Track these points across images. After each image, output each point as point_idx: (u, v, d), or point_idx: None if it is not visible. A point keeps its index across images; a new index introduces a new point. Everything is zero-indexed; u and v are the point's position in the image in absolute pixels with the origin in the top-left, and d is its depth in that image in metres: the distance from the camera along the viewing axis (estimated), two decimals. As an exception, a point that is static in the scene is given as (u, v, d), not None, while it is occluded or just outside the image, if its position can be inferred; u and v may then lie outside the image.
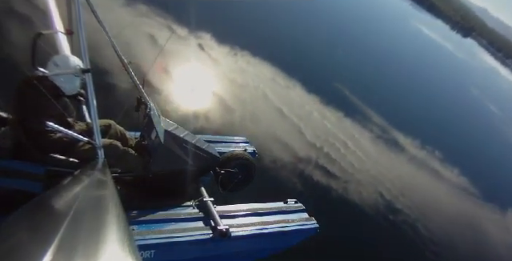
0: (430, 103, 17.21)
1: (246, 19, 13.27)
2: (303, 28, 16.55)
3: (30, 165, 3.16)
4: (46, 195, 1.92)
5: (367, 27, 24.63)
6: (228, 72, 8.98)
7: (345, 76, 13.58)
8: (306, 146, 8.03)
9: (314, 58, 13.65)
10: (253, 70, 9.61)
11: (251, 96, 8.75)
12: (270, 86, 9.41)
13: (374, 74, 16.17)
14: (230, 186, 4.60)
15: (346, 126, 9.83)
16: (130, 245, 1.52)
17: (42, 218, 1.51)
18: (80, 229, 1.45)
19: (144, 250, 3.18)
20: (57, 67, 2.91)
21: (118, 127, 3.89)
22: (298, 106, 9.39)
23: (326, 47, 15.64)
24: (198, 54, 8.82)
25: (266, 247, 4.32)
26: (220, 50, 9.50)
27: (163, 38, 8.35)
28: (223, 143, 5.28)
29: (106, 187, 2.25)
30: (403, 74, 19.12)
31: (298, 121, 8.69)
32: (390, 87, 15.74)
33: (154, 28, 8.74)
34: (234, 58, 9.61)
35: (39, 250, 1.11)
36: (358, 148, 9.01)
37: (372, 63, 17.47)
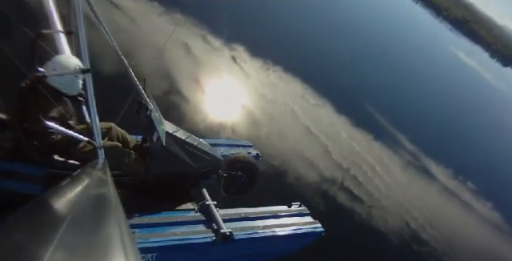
0: (466, 133, 16.63)
1: (281, 34, 13.28)
2: (340, 46, 16.43)
3: (30, 167, 3.17)
4: (46, 195, 1.87)
5: (403, 49, 24.30)
6: (259, 86, 8.93)
7: (377, 98, 13.31)
8: (332, 166, 7.81)
9: (347, 77, 13.46)
10: (284, 86, 9.54)
11: (280, 112, 8.65)
12: (300, 103, 9.28)
13: (408, 98, 15.83)
14: (233, 190, 4.55)
15: (375, 149, 9.55)
16: (131, 244, 1.48)
17: (41, 218, 1.48)
18: (80, 229, 1.42)
19: (146, 254, 3.13)
20: (56, 68, 2.89)
21: (119, 130, 3.86)
22: (326, 125, 9.21)
23: (361, 67, 15.45)
24: (231, 67, 8.83)
25: (270, 251, 4.25)
26: (252, 64, 9.48)
27: (197, 48, 8.42)
28: (226, 146, 5.21)
29: (106, 187, 2.21)
30: (438, 100, 18.61)
31: (325, 140, 8.50)
32: (423, 114, 15.29)
33: (189, 37, 8.81)
34: (266, 72, 9.56)
35: (39, 250, 1.09)
36: (387, 173, 8.69)
37: (406, 87, 17.12)
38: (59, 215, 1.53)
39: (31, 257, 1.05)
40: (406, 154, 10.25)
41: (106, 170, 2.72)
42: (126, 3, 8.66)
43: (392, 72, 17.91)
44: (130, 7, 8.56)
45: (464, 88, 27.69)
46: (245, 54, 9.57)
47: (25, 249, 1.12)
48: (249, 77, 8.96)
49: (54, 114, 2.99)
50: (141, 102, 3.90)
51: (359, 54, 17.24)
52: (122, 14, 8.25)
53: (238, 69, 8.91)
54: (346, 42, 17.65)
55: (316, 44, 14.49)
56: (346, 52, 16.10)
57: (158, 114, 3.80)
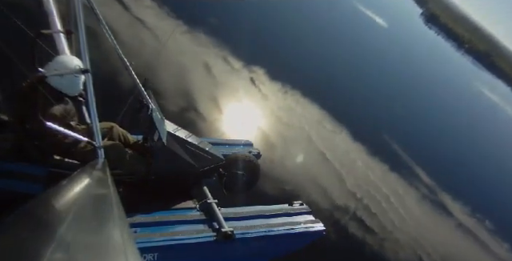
0: (489, 170, 16.20)
1: (302, 58, 13.35)
2: (362, 74, 16.41)
3: (31, 167, 3.16)
4: (46, 195, 1.88)
5: (425, 81, 24.11)
6: (276, 109, 8.90)
7: (397, 128, 13.14)
8: (346, 195, 7.63)
9: (367, 105, 13.35)
10: (301, 111, 9.48)
11: (295, 136, 8.57)
12: (316, 129, 9.20)
13: (429, 130, 15.58)
14: (234, 188, 4.55)
15: (390, 180, 9.31)
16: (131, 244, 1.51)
17: (42, 218, 1.48)
18: (80, 228, 1.43)
19: (148, 253, 3.13)
20: (57, 68, 2.88)
21: (120, 130, 3.87)
22: (342, 153, 9.06)
23: (382, 96, 15.35)
24: (249, 88, 8.85)
25: (272, 250, 4.21)
26: (271, 86, 9.49)
27: (217, 68, 8.49)
28: (227, 146, 5.22)
29: (106, 187, 2.23)
30: (461, 137, 18.25)
31: (340, 167, 8.34)
32: (444, 147, 14.97)
33: (210, 57, 8.93)
34: (284, 95, 9.54)
35: (39, 249, 1.10)
36: (401, 205, 8.44)
37: (428, 119, 16.88)
38: (59, 215, 1.52)
39: (32, 256, 1.05)
40: (423, 187, 9.97)
41: (105, 170, 2.71)
42: (152, 20, 8.84)
43: (413, 103, 17.75)
44: (155, 25, 8.73)
45: (486, 123, 27.21)
46: (264, 76, 9.60)
47: (25, 248, 1.12)
48: (266, 99, 8.95)
49: (54, 114, 2.99)
50: (142, 102, 3.90)
51: (381, 83, 17.15)
52: (147, 31, 8.41)
53: (256, 91, 8.92)
54: (368, 70, 17.62)
55: (338, 71, 14.51)
56: (367, 80, 16.04)
57: (159, 113, 3.83)
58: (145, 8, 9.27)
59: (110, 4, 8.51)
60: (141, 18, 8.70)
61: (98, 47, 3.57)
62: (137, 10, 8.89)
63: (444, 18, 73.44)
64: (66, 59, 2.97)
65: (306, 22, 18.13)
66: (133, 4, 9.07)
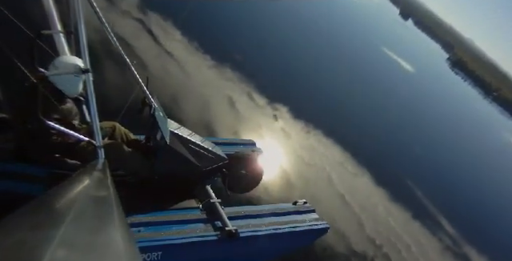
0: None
1: (326, 97, 13.34)
2: (390, 118, 16.26)
3: (32, 167, 3.17)
4: (47, 195, 1.90)
5: (452, 127, 23.69)
6: (297, 148, 8.78)
7: (422, 177, 12.71)
8: (364, 241, 7.30)
9: (393, 151, 13.10)
10: (323, 151, 9.33)
11: (315, 176, 8.38)
12: (337, 170, 8.98)
13: (456, 182, 15.03)
14: (237, 188, 4.54)
15: (412, 228, 8.88)
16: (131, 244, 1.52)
17: (42, 218, 1.47)
18: (81, 228, 1.42)
19: (151, 252, 3.15)
20: (57, 68, 2.89)
21: (123, 129, 3.89)
22: (362, 196, 8.78)
23: (410, 142, 15.08)
24: (272, 125, 8.81)
25: (275, 248, 4.26)
26: (293, 125, 9.42)
27: (240, 103, 8.54)
28: (230, 145, 5.20)
29: (106, 187, 2.22)
30: (488, 189, 17.54)
31: (359, 211, 8.05)
32: (471, 200, 14.38)
33: (235, 92, 9.01)
34: (306, 135, 9.44)
35: (40, 249, 1.09)
36: (423, 255, 8.01)
37: (456, 169, 16.39)
38: (60, 215, 1.50)
39: (32, 256, 1.05)
40: (447, 237, 9.46)
41: (106, 170, 2.71)
42: (180, 54, 9.05)
43: (440, 151, 17.31)
44: (183, 58, 8.93)
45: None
46: (287, 114, 9.56)
47: (26, 248, 1.12)
48: (288, 137, 8.86)
49: (55, 114, 3.01)
50: (144, 101, 3.91)
51: (407, 128, 16.90)
52: (175, 64, 8.59)
53: (279, 128, 8.87)
54: (394, 114, 17.40)
55: (363, 113, 14.41)
56: (393, 125, 15.89)
57: (162, 112, 3.87)
58: (174, 41, 9.54)
59: (140, 36, 8.79)
60: (170, 51, 8.93)
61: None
62: (166, 43, 9.14)
63: (471, 64, 73.28)
64: (67, 59, 2.99)
65: (333, 64, 18.27)
66: (163, 37, 9.36)
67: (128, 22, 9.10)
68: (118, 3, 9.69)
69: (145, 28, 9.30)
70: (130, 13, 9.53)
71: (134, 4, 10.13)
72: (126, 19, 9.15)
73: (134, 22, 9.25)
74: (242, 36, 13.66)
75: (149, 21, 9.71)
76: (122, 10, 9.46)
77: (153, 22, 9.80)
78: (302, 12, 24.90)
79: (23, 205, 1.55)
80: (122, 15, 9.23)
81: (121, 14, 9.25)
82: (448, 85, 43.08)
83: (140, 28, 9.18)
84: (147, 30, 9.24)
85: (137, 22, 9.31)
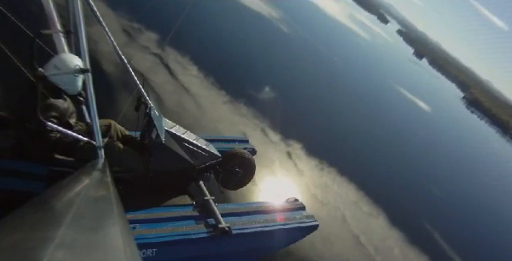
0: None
1: (342, 136, 13.21)
2: (408, 158, 15.98)
3: (32, 165, 3.22)
4: (46, 194, 1.91)
5: (469, 167, 23.15)
6: (310, 185, 8.58)
7: (441, 218, 12.24)
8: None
9: (411, 191, 12.73)
10: (337, 189, 9.10)
11: (329, 216, 8.11)
12: (352, 210, 8.70)
13: (478, 224, 14.44)
14: (230, 185, 4.71)
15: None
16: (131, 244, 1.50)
17: (42, 218, 1.49)
18: (81, 228, 1.43)
19: (146, 249, 3.21)
20: (56, 67, 2.90)
21: (119, 127, 3.97)
22: (377, 238, 8.43)
23: (425, 183, 14.63)
24: (285, 161, 8.67)
25: (268, 245, 4.35)
26: (307, 162, 9.26)
27: (254, 138, 8.45)
28: (223, 142, 5.38)
29: (106, 187, 2.25)
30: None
31: (374, 253, 7.71)
32: (494, 245, 13.74)
33: (248, 127, 8.97)
34: (320, 172, 9.26)
35: (39, 248, 1.09)
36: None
37: (477, 212, 15.80)
38: (59, 214, 1.52)
39: (32, 256, 1.05)
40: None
41: (106, 170, 2.74)
42: (196, 89, 9.14)
43: (458, 191, 16.81)
44: (198, 93, 9.01)
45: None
46: (301, 151, 9.44)
47: (25, 248, 1.12)
48: (302, 174, 8.70)
49: (54, 112, 3.05)
50: (140, 100, 3.99)
51: (424, 167, 16.52)
52: (191, 99, 8.64)
53: (292, 165, 8.72)
54: (412, 154, 17.13)
55: (380, 153, 14.17)
56: (410, 164, 15.59)
57: (157, 111, 3.97)
58: (191, 77, 9.66)
59: (158, 71, 8.95)
60: (186, 86, 9.02)
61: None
62: (183, 78, 9.27)
63: (487, 103, 72.56)
64: (67, 58, 3.01)
65: (348, 102, 18.26)
66: (180, 72, 9.51)
67: (146, 56, 9.30)
68: (137, 38, 9.94)
69: (162, 63, 9.48)
70: (148, 48, 9.76)
71: (153, 39, 10.38)
72: (144, 54, 9.36)
73: (152, 57, 9.44)
74: (257, 72, 13.83)
75: (166, 56, 9.92)
76: (141, 45, 9.69)
77: (170, 57, 9.99)
78: (318, 47, 25.31)
79: (22, 202, 1.57)
80: (141, 50, 9.45)
81: (140, 49, 9.47)
82: (464, 123, 42.60)
83: (158, 63, 9.35)
84: (164, 65, 9.41)
85: (155, 57, 9.50)
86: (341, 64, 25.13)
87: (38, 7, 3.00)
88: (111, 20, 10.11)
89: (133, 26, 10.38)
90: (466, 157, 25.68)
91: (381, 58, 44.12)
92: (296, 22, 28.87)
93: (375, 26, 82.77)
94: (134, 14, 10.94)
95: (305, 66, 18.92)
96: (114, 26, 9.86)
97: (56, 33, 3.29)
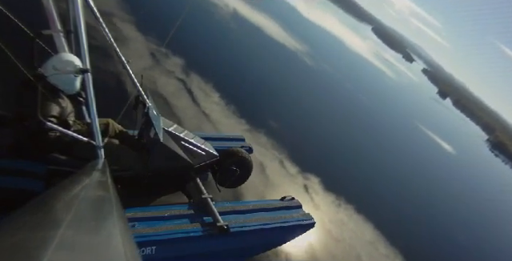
0: None
1: (363, 171, 12.91)
2: (431, 199, 15.42)
3: (31, 164, 3.25)
4: (46, 194, 1.88)
5: (495, 212, 22.23)
6: (326, 221, 8.29)
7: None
8: None
9: (432, 234, 12.19)
10: (353, 227, 8.76)
11: (343, 253, 7.77)
12: (367, 250, 8.32)
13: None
14: (227, 183, 4.75)
15: None
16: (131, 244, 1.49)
17: (41, 218, 1.46)
18: (80, 228, 1.42)
19: (145, 247, 3.22)
20: (56, 68, 2.90)
21: (117, 126, 3.99)
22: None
23: (449, 226, 14.03)
24: (301, 195, 8.43)
25: (265, 243, 4.42)
26: (324, 197, 8.99)
27: (271, 169, 8.34)
28: (220, 141, 5.41)
29: (106, 187, 2.24)
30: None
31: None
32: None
33: (267, 158, 8.85)
34: (337, 208, 8.96)
35: (39, 249, 1.08)
36: None
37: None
38: (59, 215, 1.51)
39: (31, 256, 1.04)
40: None
41: (106, 170, 2.74)
42: (217, 115, 9.14)
43: (485, 236, 16.07)
44: (218, 120, 9.01)
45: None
46: (318, 185, 9.19)
47: (25, 248, 1.11)
48: (317, 209, 8.43)
49: (53, 112, 3.05)
50: (138, 99, 4.00)
51: (448, 211, 15.87)
52: (210, 125, 8.64)
53: (308, 199, 8.48)
54: (436, 197, 16.52)
55: (401, 192, 13.72)
56: (433, 206, 14.96)
57: (155, 110, 4.00)
58: (212, 103, 9.70)
59: (180, 95, 9.02)
60: (207, 112, 9.04)
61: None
62: (204, 104, 9.31)
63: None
64: (66, 57, 3.01)
65: (370, 140, 17.94)
66: (202, 98, 9.56)
67: (171, 81, 9.42)
68: (163, 63, 10.12)
69: (186, 88, 9.57)
70: (173, 73, 9.90)
71: (179, 64, 10.55)
72: (169, 78, 9.48)
73: (176, 82, 9.56)
74: (279, 103, 13.82)
75: (190, 82, 10.02)
76: (166, 70, 9.85)
77: (194, 83, 10.10)
78: (342, 83, 25.37)
79: (22, 201, 1.55)
80: (166, 74, 9.60)
81: (165, 73, 9.61)
82: (487, 167, 41.44)
83: (181, 88, 9.45)
84: (187, 90, 9.49)
85: (179, 82, 9.62)
86: (364, 100, 25.02)
87: (38, 7, 3.03)
88: (140, 43, 10.38)
89: (160, 50, 10.60)
90: (491, 202, 24.79)
91: (404, 96, 43.92)
92: (321, 56, 29.19)
93: (400, 64, 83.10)
94: (162, 39, 11.20)
95: (327, 101, 18.89)
96: (141, 49, 10.11)
97: (56, 33, 3.31)
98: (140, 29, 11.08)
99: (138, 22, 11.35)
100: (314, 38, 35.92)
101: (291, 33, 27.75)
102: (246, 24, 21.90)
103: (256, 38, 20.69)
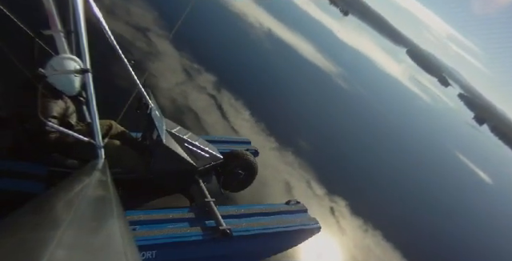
0: None
1: (392, 199, 12.48)
2: (464, 228, 14.67)
3: (31, 165, 3.23)
4: (46, 195, 1.89)
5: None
6: (351, 246, 7.99)
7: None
8: None
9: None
10: (380, 254, 8.40)
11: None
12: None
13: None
14: (231, 187, 4.66)
15: None
16: (131, 245, 1.49)
17: (41, 218, 1.44)
18: (80, 228, 1.41)
19: (146, 251, 3.16)
20: (56, 67, 2.88)
21: (120, 127, 3.94)
22: None
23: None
24: (327, 217, 8.20)
25: (269, 248, 4.33)
26: (351, 221, 8.69)
27: (297, 189, 8.18)
28: (225, 143, 5.33)
29: (106, 187, 2.23)
30: None
31: None
32: None
33: (293, 177, 8.70)
34: (364, 233, 8.63)
35: (39, 249, 1.08)
36: None
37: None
38: (59, 215, 1.52)
39: (32, 256, 1.04)
40: None
41: (106, 170, 2.73)
42: (246, 132, 9.12)
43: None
44: (248, 137, 8.92)
45: None
46: (346, 208, 8.90)
47: (26, 248, 1.11)
48: (343, 233, 8.16)
49: (53, 113, 3.04)
50: (141, 101, 3.93)
51: (484, 247, 15.00)
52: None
53: (334, 222, 8.23)
54: (471, 227, 15.73)
55: (434, 222, 13.10)
56: (469, 240, 14.13)
57: (158, 112, 3.95)
58: (242, 120, 9.70)
59: (211, 111, 9.07)
60: (236, 128, 9.04)
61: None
62: (234, 121, 9.32)
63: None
64: (66, 59, 3.00)
65: (402, 166, 17.41)
66: (232, 114, 9.59)
67: (202, 96, 9.51)
68: (196, 78, 10.25)
69: (216, 104, 9.63)
70: (205, 88, 10.01)
71: (211, 81, 10.66)
72: (200, 94, 9.58)
73: (208, 98, 9.64)
74: (309, 123, 13.69)
75: (221, 98, 10.09)
76: (198, 85, 9.96)
77: (225, 99, 10.16)
78: (375, 106, 24.98)
79: (22, 203, 1.55)
80: (197, 89, 9.70)
81: (197, 89, 9.72)
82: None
83: (212, 103, 9.52)
84: (218, 106, 9.55)
85: (210, 98, 9.70)
86: (397, 123, 24.50)
87: (39, 7, 3.04)
88: (174, 59, 10.58)
89: (193, 66, 10.76)
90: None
91: (439, 120, 42.81)
92: (354, 78, 28.94)
93: (435, 88, 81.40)
94: (197, 56, 11.39)
95: (360, 123, 18.58)
96: (175, 64, 10.29)
97: (56, 33, 3.31)
98: (175, 45, 11.32)
99: (174, 39, 11.61)
100: (348, 60, 35.78)
101: (326, 54, 27.74)
102: (281, 44, 22.06)
103: (290, 59, 20.77)
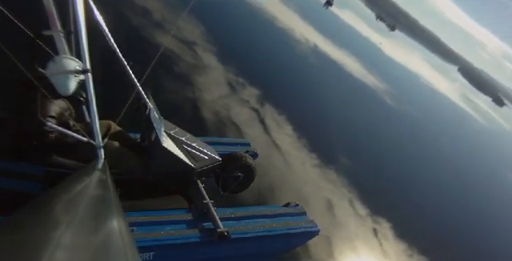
0: None
1: (439, 222, 11.80)
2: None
3: (29, 166, 3.28)
4: (46, 195, 1.90)
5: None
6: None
7: None
8: None
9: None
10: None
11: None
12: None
13: None
14: (230, 189, 4.62)
15: None
16: (130, 244, 1.49)
17: (41, 218, 1.46)
18: (80, 229, 1.41)
19: (144, 252, 3.16)
20: (56, 68, 2.84)
21: (118, 128, 3.93)
22: None
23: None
24: (369, 239, 7.86)
25: (267, 250, 4.30)
26: (394, 244, 8.24)
27: (339, 208, 7.89)
28: (224, 145, 5.33)
29: (106, 187, 2.23)
30: None
31: None
32: None
33: (335, 196, 8.46)
34: (409, 258, 8.14)
35: (39, 249, 1.08)
36: None
37: None
38: (59, 215, 1.53)
39: (32, 256, 1.05)
40: None
41: (105, 171, 2.74)
42: (287, 147, 9.00)
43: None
44: (288, 152, 8.86)
45: None
46: (389, 231, 8.48)
47: (26, 248, 1.11)
48: (386, 256, 7.76)
49: (53, 113, 3.04)
50: (140, 102, 3.96)
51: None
52: (280, 156, 8.53)
53: (377, 244, 7.85)
54: None
55: (492, 253, 12.27)
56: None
57: (157, 113, 3.95)
58: (284, 135, 9.61)
59: (253, 125, 9.04)
60: (277, 142, 8.94)
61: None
62: (276, 135, 9.23)
63: None
64: (66, 59, 2.97)
65: (454, 189, 16.45)
66: (274, 128, 9.51)
67: (245, 110, 9.52)
68: (239, 92, 10.30)
69: (259, 118, 9.60)
70: (248, 102, 10.02)
71: (254, 94, 10.67)
72: (243, 107, 9.59)
73: (250, 111, 9.64)
74: (354, 141, 13.31)
75: (264, 112, 10.06)
76: (241, 99, 10.00)
77: (267, 113, 10.12)
78: (425, 125, 24.10)
79: (21, 203, 1.55)
80: (240, 103, 9.73)
81: (240, 102, 9.75)
82: None
83: (254, 117, 9.50)
84: (260, 120, 9.51)
85: (253, 112, 9.69)
86: (448, 144, 23.41)
87: (38, 7, 3.03)
88: (219, 72, 10.71)
89: (238, 80, 10.84)
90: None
91: (493, 142, 40.60)
92: (402, 96, 28.13)
93: (489, 107, 77.61)
94: (241, 70, 11.47)
95: (407, 142, 17.89)
96: (220, 78, 10.41)
97: (56, 33, 3.29)
98: (221, 59, 11.47)
99: (219, 52, 11.77)
100: (396, 77, 34.94)
101: (373, 71, 27.23)
102: (326, 60, 21.91)
103: (335, 75, 20.54)
